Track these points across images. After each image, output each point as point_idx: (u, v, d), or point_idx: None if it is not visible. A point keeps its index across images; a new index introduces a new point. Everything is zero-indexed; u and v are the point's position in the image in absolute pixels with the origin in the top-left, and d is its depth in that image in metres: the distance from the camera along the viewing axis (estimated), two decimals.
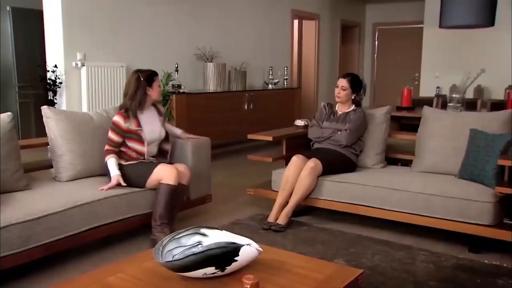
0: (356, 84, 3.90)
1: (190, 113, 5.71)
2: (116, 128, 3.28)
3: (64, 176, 3.23)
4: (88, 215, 2.85)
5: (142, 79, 3.34)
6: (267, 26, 7.78)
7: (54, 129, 3.26)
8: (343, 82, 3.89)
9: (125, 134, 3.29)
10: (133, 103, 3.31)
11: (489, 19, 5.25)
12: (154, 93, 3.40)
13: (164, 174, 3.22)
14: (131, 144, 3.33)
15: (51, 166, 3.34)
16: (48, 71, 4.96)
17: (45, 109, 3.30)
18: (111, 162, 3.22)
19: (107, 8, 5.28)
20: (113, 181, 3.15)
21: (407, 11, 10.06)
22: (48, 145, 3.32)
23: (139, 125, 3.32)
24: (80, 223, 2.81)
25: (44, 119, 3.30)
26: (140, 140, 3.34)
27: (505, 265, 2.95)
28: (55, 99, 4.93)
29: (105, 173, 3.27)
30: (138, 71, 3.41)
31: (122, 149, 3.33)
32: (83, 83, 5.03)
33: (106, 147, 3.28)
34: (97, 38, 5.23)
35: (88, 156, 3.31)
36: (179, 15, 6.16)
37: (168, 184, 3.19)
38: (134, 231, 3.36)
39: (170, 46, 6.09)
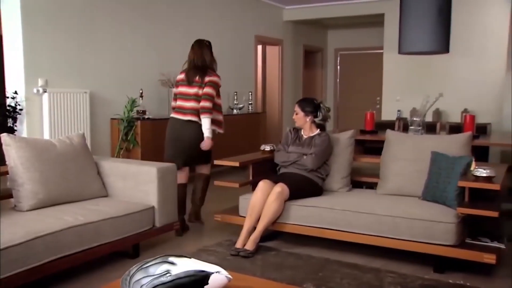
0: (307, 107, 3.98)
1: (156, 139, 5.66)
2: (217, 87, 4.06)
3: (25, 205, 3.13)
4: (52, 245, 2.76)
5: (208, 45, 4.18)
6: (231, 52, 7.85)
7: (14, 157, 3.17)
8: (295, 107, 4.03)
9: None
10: (217, 66, 4.16)
11: (444, 46, 5.46)
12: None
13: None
14: (218, 100, 4.13)
15: (11, 196, 3.23)
16: (8, 97, 4.84)
17: (4, 137, 3.21)
18: (210, 122, 4.00)
19: (70, 33, 5.22)
20: (210, 142, 4.04)
21: (367, 37, 10.36)
22: (8, 173, 3.22)
23: None
24: (43, 255, 2.71)
25: (3, 146, 3.21)
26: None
27: (468, 284, 3.01)
28: (15, 126, 4.80)
29: (71, 200, 3.25)
30: (201, 40, 4.23)
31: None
32: (45, 110, 4.92)
33: (207, 103, 3.96)
34: (60, 64, 5.15)
35: (51, 184, 3.22)
36: (143, 40, 6.15)
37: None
38: (100, 260, 3.28)
39: (135, 72, 6.05)
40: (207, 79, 4.00)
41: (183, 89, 4.11)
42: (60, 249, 2.81)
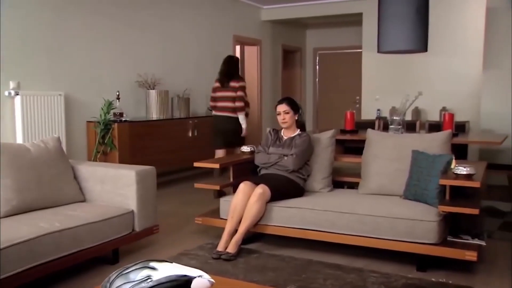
0: (295, 105, 3.98)
1: (133, 142, 5.58)
2: (245, 89, 5.78)
3: None
4: (27, 253, 2.66)
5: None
6: (209, 52, 7.80)
7: None
8: (284, 107, 3.93)
9: None
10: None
11: (422, 45, 5.50)
12: None
13: None
14: (246, 98, 5.86)
15: None
16: None
17: None
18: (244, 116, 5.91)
19: (43, 34, 5.10)
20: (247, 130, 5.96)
21: (346, 36, 10.41)
22: None
23: None
24: (18, 263, 2.61)
25: None
26: None
27: (450, 281, 3.03)
28: None
29: (46, 206, 3.19)
30: (230, 56, 6.11)
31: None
32: (17, 113, 4.78)
33: (241, 104, 5.77)
34: (33, 66, 5.02)
35: (25, 190, 3.13)
36: (119, 41, 6.05)
37: None
38: (79, 267, 3.19)
39: (111, 73, 5.95)
40: (237, 84, 5.70)
41: (220, 94, 5.87)
42: (36, 257, 2.72)
